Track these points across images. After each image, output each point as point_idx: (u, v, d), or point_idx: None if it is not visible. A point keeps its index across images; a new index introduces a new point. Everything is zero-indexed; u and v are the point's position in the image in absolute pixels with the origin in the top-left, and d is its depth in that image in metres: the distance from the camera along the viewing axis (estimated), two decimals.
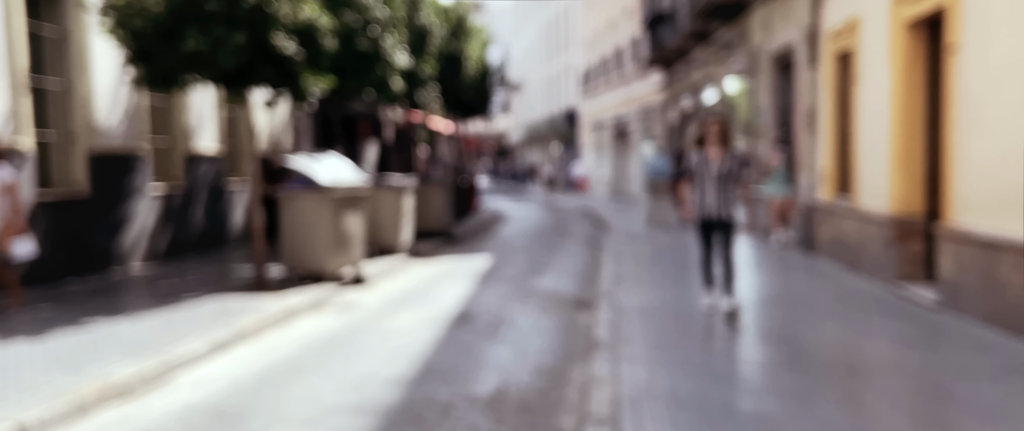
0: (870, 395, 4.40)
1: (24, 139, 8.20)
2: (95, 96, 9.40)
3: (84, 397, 4.57)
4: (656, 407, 4.25)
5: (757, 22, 12.69)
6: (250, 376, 5.34)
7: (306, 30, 8.12)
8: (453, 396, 4.79)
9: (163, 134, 11.11)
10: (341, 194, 8.87)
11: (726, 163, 6.39)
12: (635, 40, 24.73)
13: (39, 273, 8.43)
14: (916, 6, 7.02)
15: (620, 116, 28.16)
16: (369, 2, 10.13)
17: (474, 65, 18.15)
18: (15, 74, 8.11)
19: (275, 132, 14.27)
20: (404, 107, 16.20)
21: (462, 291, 8.79)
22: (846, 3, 8.94)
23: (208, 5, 7.29)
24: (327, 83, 8.95)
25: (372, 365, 5.56)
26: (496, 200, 29.10)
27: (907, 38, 7.33)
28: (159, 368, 5.25)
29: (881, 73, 7.84)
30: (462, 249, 13.50)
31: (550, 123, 40.66)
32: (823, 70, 9.89)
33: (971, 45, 6.13)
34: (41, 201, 8.49)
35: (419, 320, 7.16)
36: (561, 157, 39.65)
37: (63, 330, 6.26)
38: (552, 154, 42.27)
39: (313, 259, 8.76)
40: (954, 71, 6.37)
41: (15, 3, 8.10)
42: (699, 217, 6.51)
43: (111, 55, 9.32)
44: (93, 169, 9.34)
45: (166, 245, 10.78)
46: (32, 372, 5.04)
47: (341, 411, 4.52)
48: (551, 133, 41.25)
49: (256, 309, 7.14)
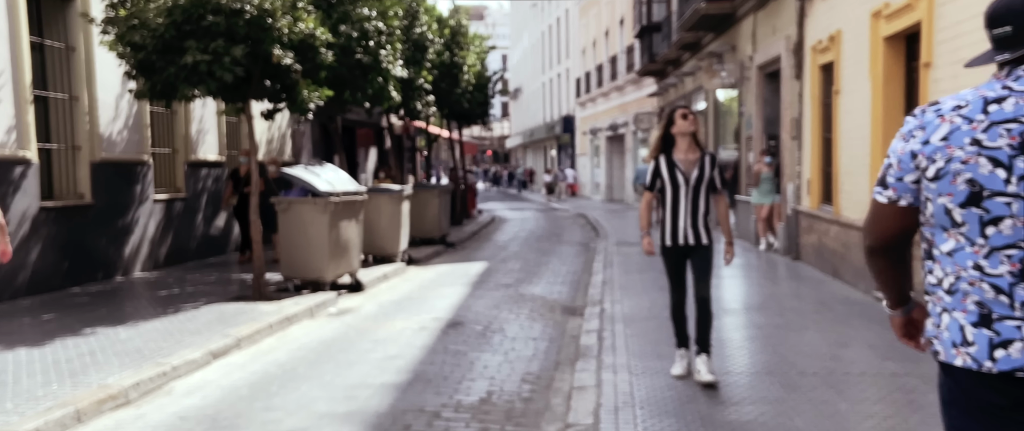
0: (843, 405, 4.60)
1: (27, 152, 8.41)
2: (99, 107, 9.62)
3: (81, 406, 4.70)
4: (636, 415, 4.44)
5: (745, 34, 12.91)
6: (245, 384, 5.53)
7: (304, 43, 8.33)
8: (441, 405, 4.98)
9: (165, 143, 11.33)
10: (338, 202, 9.07)
11: (703, 169, 4.89)
12: (629, 49, 24.98)
13: (42, 281, 8.64)
14: (893, 23, 7.24)
15: (615, 123, 28.45)
16: (366, 15, 10.34)
17: (471, 74, 18.38)
18: (19, 87, 8.32)
19: (275, 141, 14.48)
20: (402, 116, 16.43)
21: (456, 298, 8.99)
22: (829, 18, 9.16)
23: (207, 20, 7.50)
24: (325, 95, 9.16)
25: (364, 373, 5.76)
26: (493, 205, 29.32)
27: (885, 52, 7.55)
28: (156, 376, 5.43)
29: (861, 85, 8.06)
30: (458, 255, 13.71)
31: (548, 129, 40.93)
32: (807, 82, 10.11)
33: (943, 63, 6.34)
34: (45, 210, 8.69)
35: (412, 327, 7.36)
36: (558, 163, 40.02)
37: (63, 338, 6.44)
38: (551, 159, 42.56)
39: (311, 267, 8.95)
40: (928, 86, 6.59)
41: (20, 19, 8.32)
42: (667, 245, 4.97)
43: (115, 67, 9.54)
44: (96, 178, 9.55)
45: (167, 252, 10.99)
46: (30, 381, 5.20)
47: (332, 420, 4.71)
48: (549, 138, 41.52)
49: (253, 317, 7.33)
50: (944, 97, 1.93)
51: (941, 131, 1.84)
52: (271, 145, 14.28)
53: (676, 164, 4.90)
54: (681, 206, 4.90)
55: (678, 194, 4.90)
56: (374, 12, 10.51)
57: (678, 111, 4.96)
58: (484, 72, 20.14)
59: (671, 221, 4.94)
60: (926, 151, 1.85)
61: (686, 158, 4.92)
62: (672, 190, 4.90)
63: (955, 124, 1.83)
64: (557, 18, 38.81)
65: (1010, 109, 1.80)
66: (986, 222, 1.81)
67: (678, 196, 4.90)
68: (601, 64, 29.90)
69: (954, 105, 1.86)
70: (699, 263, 4.99)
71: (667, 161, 4.92)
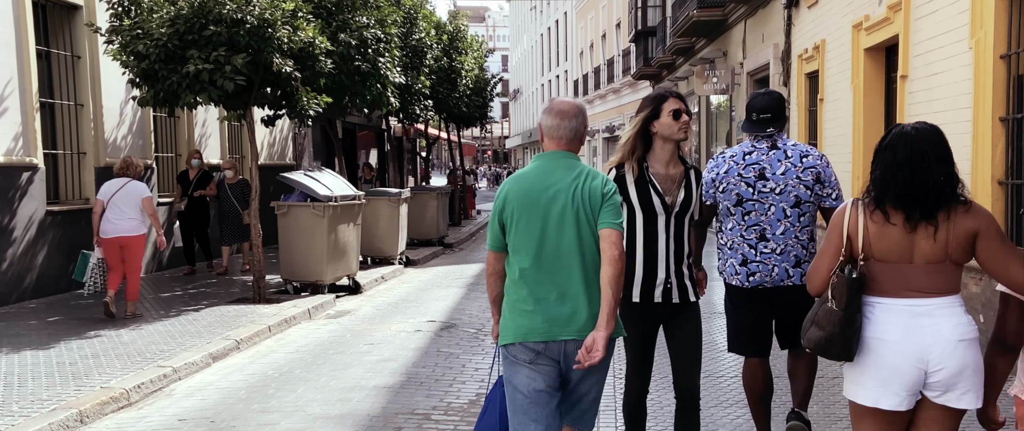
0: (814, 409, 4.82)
1: (34, 158, 8.65)
2: (104, 113, 9.86)
3: (84, 408, 4.89)
4: (618, 419, 4.67)
5: (736, 41, 13.14)
6: (243, 385, 5.76)
7: (303, 52, 8.54)
8: (431, 407, 5.20)
9: (169, 147, 11.56)
10: (336, 206, 9.29)
11: (689, 191, 3.39)
12: (625, 52, 25.23)
13: (49, 283, 8.88)
14: (873, 35, 7.46)
15: (611, 124, 28.76)
16: (364, 24, 10.55)
17: (469, 78, 18.61)
18: (26, 95, 8.56)
19: (277, 144, 14.72)
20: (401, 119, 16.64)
21: (451, 300, 9.21)
22: (814, 28, 9.39)
23: (209, 30, 7.71)
24: (324, 101, 9.37)
25: (359, 375, 5.98)
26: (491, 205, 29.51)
27: (866, 63, 7.77)
28: (157, 378, 5.64)
29: (844, 94, 8.28)
30: (456, 256, 13.93)
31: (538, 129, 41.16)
32: (794, 89, 10.34)
33: (918, 76, 6.57)
34: (51, 213, 8.93)
35: (408, 329, 7.58)
36: None
37: (68, 340, 6.65)
38: None
39: (310, 269, 9.18)
40: (904, 97, 6.81)
41: (27, 29, 8.55)
42: (634, 302, 3.35)
43: (119, 74, 9.75)
44: (101, 182, 9.75)
45: (170, 254, 11.21)
46: (35, 384, 5.40)
47: (326, 422, 4.92)
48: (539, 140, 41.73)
49: (253, 319, 7.56)
50: (727, 149, 3.92)
51: (723, 167, 3.78)
52: (273, 149, 14.52)
53: (652, 181, 3.34)
54: (659, 244, 3.33)
55: (655, 226, 3.33)
56: (372, 20, 10.73)
57: (670, 100, 3.36)
58: (483, 75, 20.36)
59: (644, 266, 3.34)
60: (718, 177, 3.78)
61: (666, 174, 3.36)
62: (645, 219, 3.34)
63: (730, 164, 3.77)
64: (556, 21, 39.07)
65: (754, 157, 3.75)
66: (745, 213, 3.74)
67: (655, 229, 3.33)
68: (598, 66, 30.18)
69: (730, 154, 3.81)
70: (684, 334, 3.42)
71: (638, 175, 3.35)
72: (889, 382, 2.49)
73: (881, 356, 2.50)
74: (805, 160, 3.70)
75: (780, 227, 3.69)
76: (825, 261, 2.61)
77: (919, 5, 6.48)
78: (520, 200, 2.90)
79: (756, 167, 3.69)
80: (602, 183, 2.88)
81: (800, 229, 3.70)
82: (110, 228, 7.46)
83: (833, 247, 2.60)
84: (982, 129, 5.44)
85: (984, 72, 5.41)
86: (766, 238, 3.69)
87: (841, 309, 2.50)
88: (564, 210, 2.85)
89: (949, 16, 5.96)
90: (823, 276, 2.60)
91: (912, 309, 2.49)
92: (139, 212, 7.60)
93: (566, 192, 2.86)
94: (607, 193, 2.86)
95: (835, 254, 2.59)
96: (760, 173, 3.68)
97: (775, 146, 3.73)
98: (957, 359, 2.44)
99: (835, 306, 2.52)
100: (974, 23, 5.55)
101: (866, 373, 2.53)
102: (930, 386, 2.49)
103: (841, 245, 2.58)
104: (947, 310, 2.49)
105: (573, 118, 2.98)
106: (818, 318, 2.57)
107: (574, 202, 2.85)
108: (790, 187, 3.67)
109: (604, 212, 2.84)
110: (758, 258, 3.70)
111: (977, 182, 5.46)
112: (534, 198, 2.88)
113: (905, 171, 2.49)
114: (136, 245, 7.59)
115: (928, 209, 2.47)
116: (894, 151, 2.54)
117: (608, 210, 2.84)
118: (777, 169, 3.68)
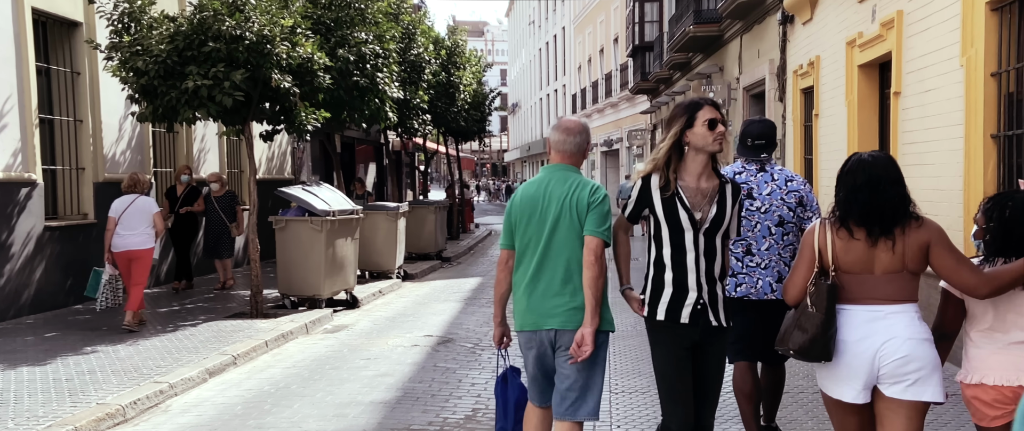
0: (799, 410, 4.84)
1: (33, 174, 8.68)
2: (103, 129, 9.90)
3: (79, 425, 4.88)
4: None
5: (732, 56, 13.23)
6: (240, 401, 5.76)
7: (302, 67, 8.60)
8: (428, 422, 5.21)
9: (168, 162, 11.60)
10: (334, 220, 9.31)
11: (723, 207, 3.19)
12: (623, 67, 25.37)
13: (46, 298, 8.89)
14: (866, 52, 7.53)
15: (610, 138, 28.92)
16: (363, 39, 10.62)
17: (467, 92, 18.69)
18: (26, 111, 8.60)
19: (276, 158, 14.77)
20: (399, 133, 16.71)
21: (449, 314, 9.23)
22: (809, 44, 9.46)
23: (208, 46, 7.77)
24: (322, 116, 9.42)
25: (355, 390, 5.99)
26: (491, 219, 29.56)
27: (860, 79, 7.83)
28: (153, 394, 5.64)
29: (838, 110, 8.34)
30: (453, 270, 13.95)
31: (545, 143, 41.28)
32: (790, 104, 10.40)
33: (910, 92, 6.62)
34: (49, 229, 8.95)
35: (404, 344, 7.59)
36: None
37: (65, 356, 6.65)
38: None
39: (308, 284, 9.19)
40: (897, 113, 6.86)
41: (27, 46, 8.61)
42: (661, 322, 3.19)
43: (119, 90, 9.80)
44: (100, 198, 9.80)
45: (168, 269, 11.22)
46: (31, 400, 5.40)
47: None
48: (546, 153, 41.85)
49: (250, 334, 7.57)
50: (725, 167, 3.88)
51: None
52: (272, 163, 14.56)
53: (680, 194, 3.16)
54: (688, 261, 3.15)
55: (682, 242, 3.16)
56: (371, 36, 10.80)
57: (706, 109, 3.15)
58: (481, 89, 20.45)
59: (674, 282, 3.17)
60: None
61: (697, 187, 3.17)
62: (671, 233, 3.17)
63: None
64: (554, 35, 39.29)
65: (743, 177, 4.05)
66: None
67: (682, 245, 3.16)
68: (596, 81, 30.35)
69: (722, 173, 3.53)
70: (708, 366, 3.21)
71: (665, 187, 3.17)
72: (849, 378, 2.84)
73: (841, 355, 2.84)
74: (790, 184, 4.10)
75: (765, 243, 4.04)
76: (800, 273, 2.94)
77: (911, 23, 6.55)
78: (523, 205, 3.42)
79: (744, 187, 4.02)
80: (590, 192, 3.33)
81: (783, 247, 4.05)
82: (120, 243, 7.66)
83: (806, 261, 2.93)
84: (974, 146, 5.49)
85: (975, 89, 5.47)
86: (752, 252, 4.04)
87: (821, 312, 2.82)
88: (557, 216, 3.33)
89: (941, 34, 6.03)
90: (799, 286, 2.93)
91: (871, 314, 2.82)
92: (149, 226, 7.78)
93: (560, 200, 3.34)
94: (593, 202, 3.32)
95: (809, 267, 2.91)
96: (748, 193, 4.04)
97: (763, 169, 4.13)
98: (904, 351, 2.75)
99: (816, 310, 2.83)
100: (965, 41, 5.61)
101: (831, 369, 2.90)
102: (880, 379, 2.81)
103: (813, 259, 2.90)
104: (903, 315, 2.81)
105: (578, 134, 3.45)
106: (801, 322, 2.88)
107: (565, 209, 3.32)
108: (775, 207, 4.04)
109: (589, 219, 3.31)
110: (744, 270, 4.03)
111: (969, 198, 5.50)
112: (534, 204, 3.38)
113: (864, 193, 2.80)
114: (145, 258, 7.77)
115: (886, 225, 2.79)
116: (854, 176, 2.85)
117: (593, 218, 3.30)
118: (764, 190, 4.06)
